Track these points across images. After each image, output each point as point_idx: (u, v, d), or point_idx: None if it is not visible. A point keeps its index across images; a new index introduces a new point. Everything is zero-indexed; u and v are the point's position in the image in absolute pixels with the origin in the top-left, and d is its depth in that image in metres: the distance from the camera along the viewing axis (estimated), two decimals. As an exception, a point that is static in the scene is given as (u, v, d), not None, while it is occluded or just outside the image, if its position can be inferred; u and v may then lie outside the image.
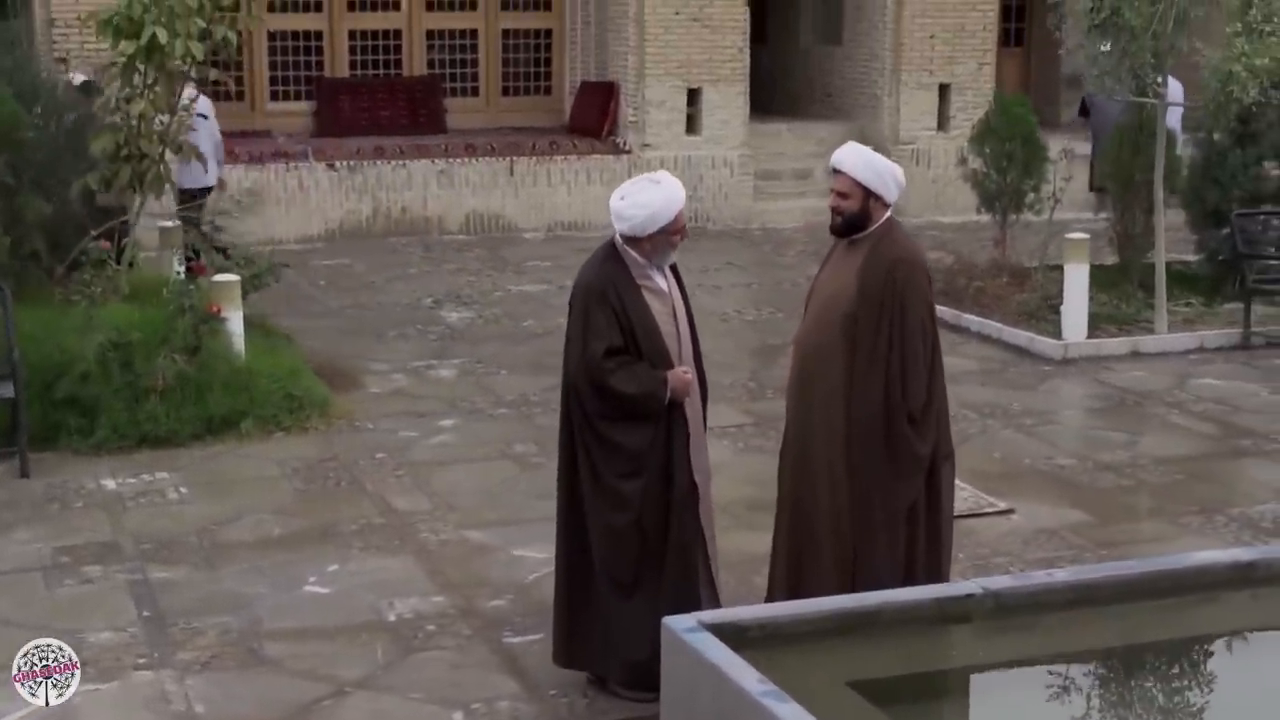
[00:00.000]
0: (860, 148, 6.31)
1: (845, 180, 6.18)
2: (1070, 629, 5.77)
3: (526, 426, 9.94)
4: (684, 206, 6.16)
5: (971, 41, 18.55)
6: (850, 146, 6.32)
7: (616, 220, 6.11)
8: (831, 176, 6.29)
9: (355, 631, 6.84)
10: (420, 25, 18.57)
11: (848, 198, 6.18)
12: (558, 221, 17.20)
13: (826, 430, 6.19)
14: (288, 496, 8.62)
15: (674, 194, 6.08)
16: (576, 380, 6.10)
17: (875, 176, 6.15)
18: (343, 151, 16.80)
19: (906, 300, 6.08)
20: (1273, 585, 5.85)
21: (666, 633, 5.31)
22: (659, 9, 17.40)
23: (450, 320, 12.89)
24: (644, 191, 6.09)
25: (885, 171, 6.18)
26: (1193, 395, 10.74)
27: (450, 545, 7.90)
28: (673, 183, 6.14)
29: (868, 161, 6.18)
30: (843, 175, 6.19)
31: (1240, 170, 13.44)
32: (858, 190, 6.16)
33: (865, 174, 6.15)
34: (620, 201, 6.10)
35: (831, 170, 6.30)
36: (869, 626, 5.61)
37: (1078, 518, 8.34)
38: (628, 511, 6.09)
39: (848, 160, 6.20)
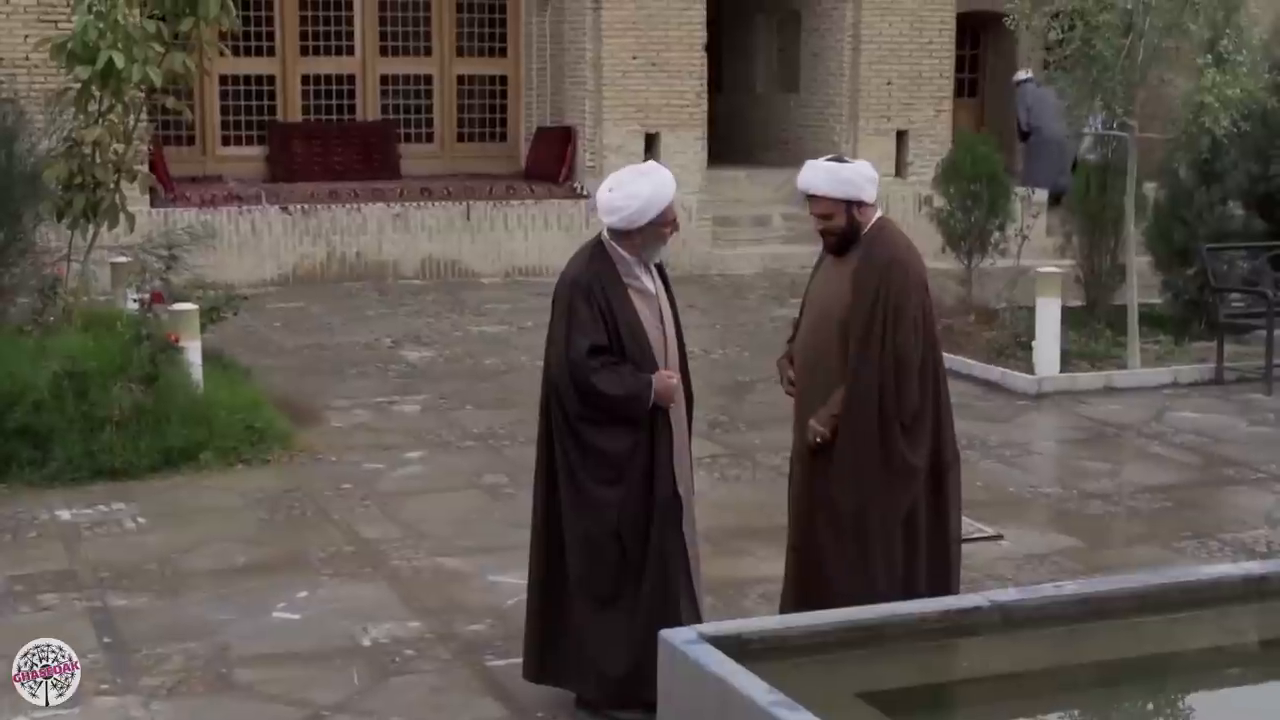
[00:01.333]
0: (819, 164, 6.07)
1: (821, 202, 5.99)
2: (1079, 642, 5.56)
3: (496, 458, 9.66)
4: (674, 198, 5.91)
5: (928, 88, 18.54)
6: (810, 167, 6.06)
7: (605, 214, 5.85)
8: (806, 201, 6.09)
9: (329, 656, 6.52)
10: (375, 70, 18.38)
11: (831, 217, 6.00)
12: (515, 267, 16.96)
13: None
14: (251, 526, 8.28)
15: (664, 183, 5.84)
16: (557, 379, 5.80)
17: (848, 186, 5.96)
18: (297, 195, 16.53)
19: (900, 303, 5.88)
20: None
21: (664, 646, 5.05)
22: (617, 53, 17.28)
23: (411, 359, 12.60)
24: (633, 182, 5.84)
25: (856, 177, 5.98)
26: (1171, 428, 10.60)
27: (424, 572, 7.59)
28: (662, 172, 5.90)
29: (834, 175, 5.98)
30: (816, 198, 6.00)
31: (1206, 209, 13.38)
32: (837, 206, 5.97)
33: (837, 189, 5.95)
34: (609, 194, 5.85)
35: (804, 196, 6.10)
36: (874, 639, 5.38)
37: (1068, 543, 8.13)
38: (607, 520, 5.79)
39: (816, 181, 6.00)
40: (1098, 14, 10.95)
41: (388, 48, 18.41)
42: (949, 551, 6.28)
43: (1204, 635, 5.75)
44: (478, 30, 18.71)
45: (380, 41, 18.36)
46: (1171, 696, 5.52)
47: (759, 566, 7.60)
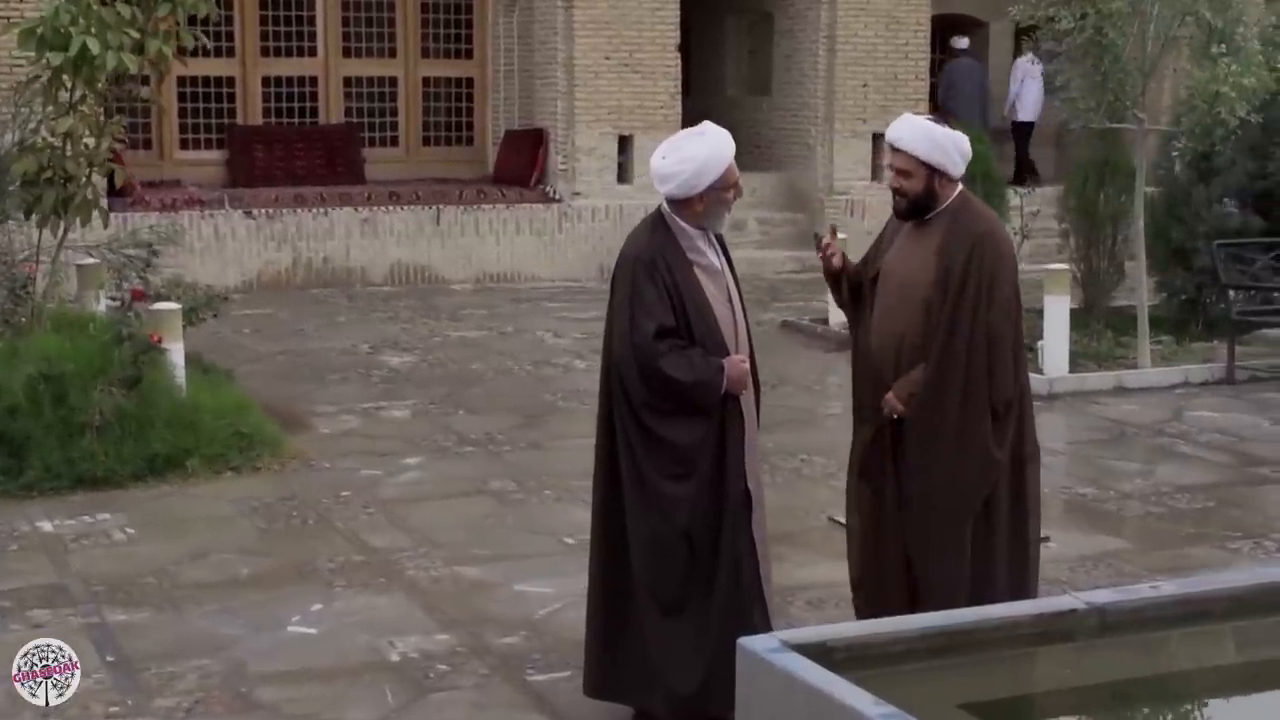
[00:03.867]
0: (917, 119, 5.65)
1: (904, 158, 5.53)
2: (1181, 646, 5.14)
3: (498, 464, 9.15)
4: (733, 160, 5.44)
5: (904, 90, 18.15)
6: (907, 119, 5.65)
7: (660, 183, 5.36)
8: (889, 154, 5.63)
9: (356, 672, 5.99)
10: (337, 72, 17.82)
11: (910, 176, 5.53)
12: (486, 273, 16.43)
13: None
14: (250, 536, 7.73)
15: (722, 144, 5.37)
16: (621, 364, 5.30)
17: (938, 150, 5.50)
18: (261, 199, 15.94)
19: (995, 280, 5.44)
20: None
21: (745, 655, 4.57)
22: (589, 54, 16.83)
23: (393, 364, 12.06)
24: (687, 145, 5.38)
25: (949, 144, 5.52)
26: (1194, 427, 10.24)
27: (443, 582, 7.08)
28: (719, 131, 5.43)
29: (927, 134, 5.52)
30: (901, 152, 5.54)
31: (1204, 207, 13.09)
32: (920, 168, 5.50)
33: (926, 148, 5.50)
34: (661, 160, 5.38)
35: (889, 147, 5.64)
36: (964, 646, 4.94)
37: (1118, 545, 7.73)
38: (675, 519, 5.31)
39: (905, 135, 5.54)
40: (1109, 1, 10.59)
41: (351, 49, 17.85)
42: (1028, 552, 5.86)
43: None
44: (443, 31, 18.19)
45: (343, 43, 17.80)
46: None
47: (796, 573, 7.15)
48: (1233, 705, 5.03)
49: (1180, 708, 5.01)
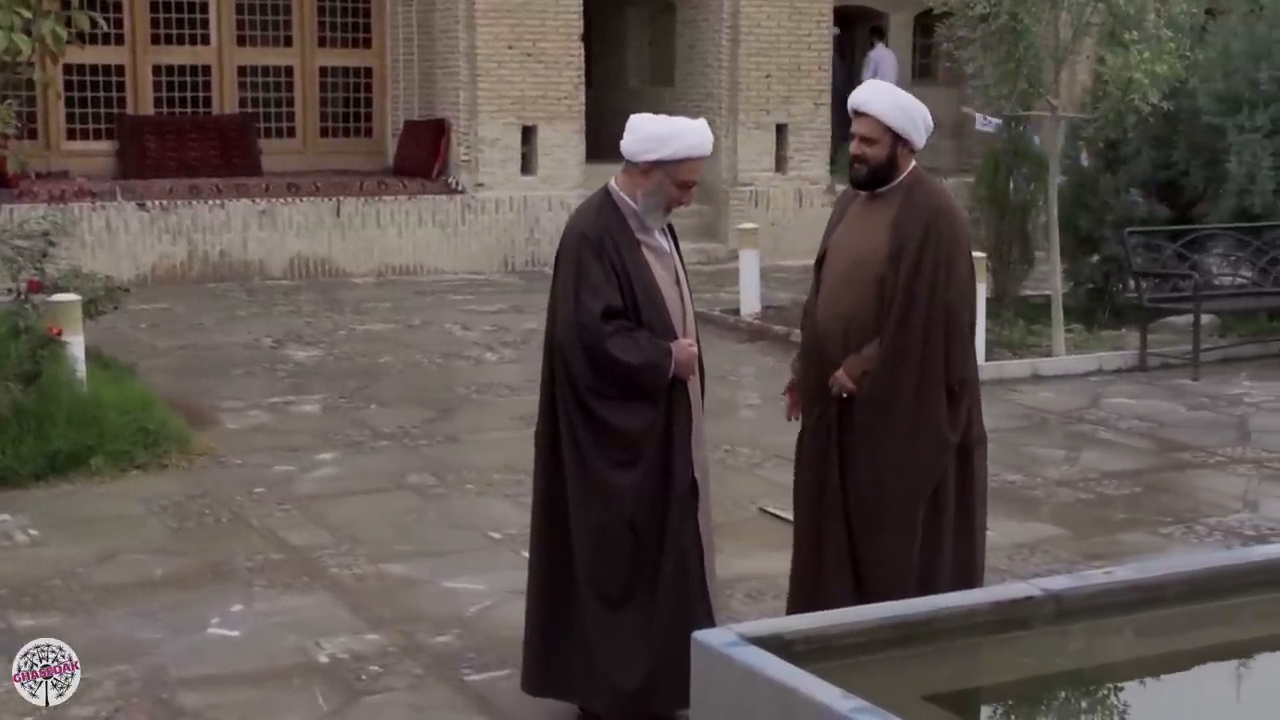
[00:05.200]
0: (885, 85, 5.49)
1: (870, 123, 5.33)
2: (1139, 631, 5.05)
3: (416, 458, 8.88)
4: (700, 164, 5.22)
5: (807, 81, 18.12)
6: (874, 84, 5.49)
7: (627, 133, 5.14)
8: (854, 119, 5.44)
9: (284, 675, 5.72)
10: (231, 61, 17.38)
11: (874, 143, 5.33)
12: (389, 265, 16.10)
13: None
14: (162, 535, 7.41)
15: (699, 133, 5.15)
16: (565, 346, 5.07)
17: (905, 118, 5.32)
18: (154, 191, 15.49)
19: (951, 255, 5.27)
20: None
21: (700, 650, 4.38)
22: (491, 43, 16.56)
23: (298, 358, 11.73)
24: (678, 117, 5.23)
25: (915, 112, 5.36)
26: (1112, 413, 10.22)
27: (369, 580, 6.81)
28: (706, 129, 5.23)
29: (896, 100, 5.35)
30: (867, 117, 5.34)
31: (1111, 196, 13.15)
32: (885, 134, 5.31)
33: (894, 115, 5.31)
34: (642, 115, 5.21)
35: (853, 112, 5.44)
36: (922, 636, 4.80)
37: (1051, 532, 7.65)
38: (620, 509, 5.09)
39: (874, 100, 5.35)
40: (1024, -14, 10.55)
41: (245, 37, 17.43)
42: (974, 540, 5.69)
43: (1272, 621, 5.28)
44: (340, 20, 17.82)
45: (237, 31, 17.37)
46: (1247, 685, 5.03)
47: (732, 565, 6.94)
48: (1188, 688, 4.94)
49: (1142, 692, 4.90)
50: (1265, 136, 12.99)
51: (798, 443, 5.72)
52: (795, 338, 12.96)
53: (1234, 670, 5.04)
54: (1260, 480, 8.56)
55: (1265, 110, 13.03)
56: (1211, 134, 13.21)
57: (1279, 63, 13.12)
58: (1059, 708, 4.88)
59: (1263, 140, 12.96)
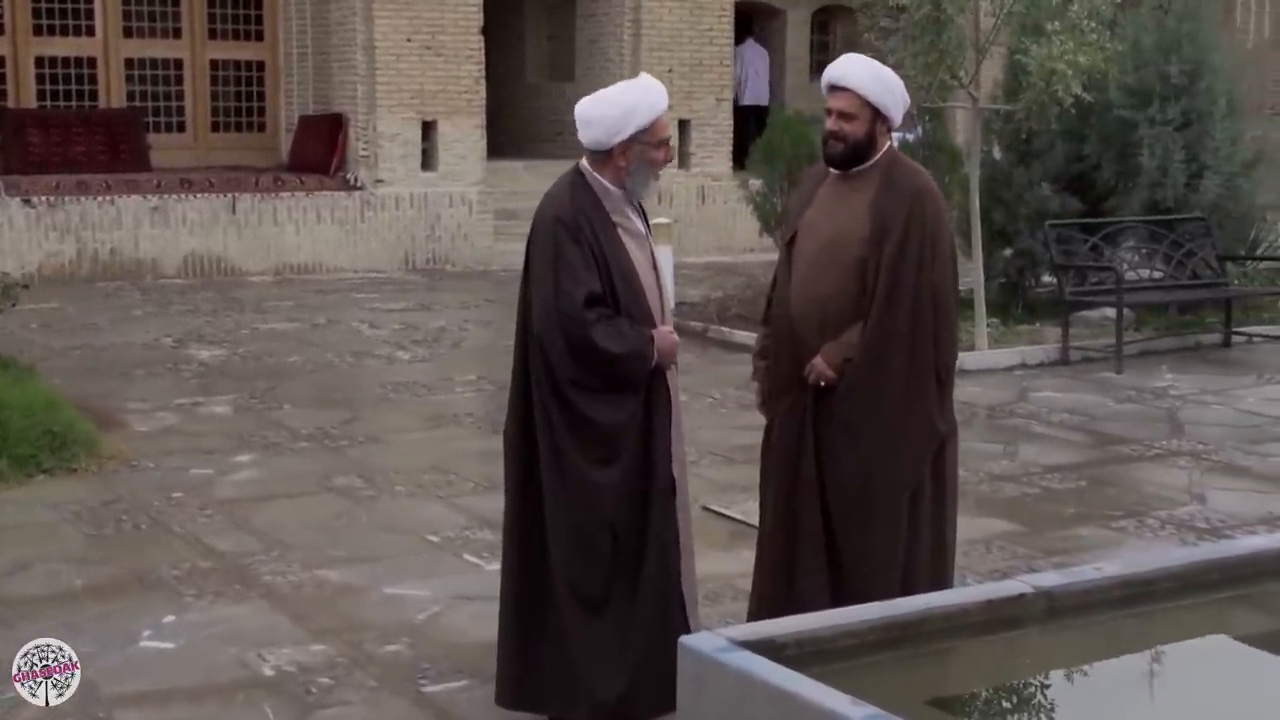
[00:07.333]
0: (863, 58, 5.23)
1: (850, 98, 5.07)
2: (1132, 628, 4.89)
3: (339, 459, 8.52)
4: (667, 117, 4.97)
5: (709, 76, 17.95)
6: (851, 58, 5.22)
7: (583, 128, 4.86)
8: (829, 95, 5.18)
9: (227, 691, 5.35)
10: (118, 53, 16.80)
11: (853, 119, 5.06)
12: (286, 263, 15.64)
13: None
14: (77, 543, 6.98)
15: (653, 92, 4.89)
16: (544, 336, 4.77)
17: (886, 92, 5.08)
18: (40, 187, 14.89)
19: (936, 236, 5.04)
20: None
21: (688, 655, 4.12)
22: (390, 36, 16.17)
23: (202, 358, 11.27)
24: (616, 89, 4.93)
25: (896, 86, 5.12)
26: (1042, 407, 10.11)
27: (305, 587, 6.45)
28: (653, 81, 4.97)
29: (876, 74, 5.10)
30: (846, 92, 5.08)
31: (1025, 189, 13.09)
32: (865, 109, 5.06)
33: (875, 89, 5.06)
34: (585, 101, 4.90)
35: (829, 87, 5.18)
36: (916, 636, 4.59)
37: (1005, 527, 7.47)
38: (600, 508, 4.81)
39: (854, 73, 5.09)
40: (948, -24, 10.41)
41: (132, 29, 16.86)
42: (945, 536, 5.46)
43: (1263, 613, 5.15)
44: (231, 11, 17.31)
45: (123, 22, 16.81)
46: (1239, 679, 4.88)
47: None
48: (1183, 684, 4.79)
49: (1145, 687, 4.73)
50: (1176, 130, 13.04)
51: (765, 434, 5.47)
52: (713, 334, 12.84)
53: (1225, 664, 4.90)
54: (1201, 473, 8.47)
55: (1176, 103, 13.08)
56: (1123, 127, 13.23)
57: (1189, 57, 13.18)
58: (1061, 708, 4.70)
59: (1174, 134, 13.01)
